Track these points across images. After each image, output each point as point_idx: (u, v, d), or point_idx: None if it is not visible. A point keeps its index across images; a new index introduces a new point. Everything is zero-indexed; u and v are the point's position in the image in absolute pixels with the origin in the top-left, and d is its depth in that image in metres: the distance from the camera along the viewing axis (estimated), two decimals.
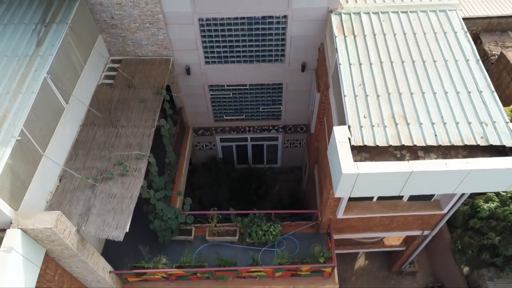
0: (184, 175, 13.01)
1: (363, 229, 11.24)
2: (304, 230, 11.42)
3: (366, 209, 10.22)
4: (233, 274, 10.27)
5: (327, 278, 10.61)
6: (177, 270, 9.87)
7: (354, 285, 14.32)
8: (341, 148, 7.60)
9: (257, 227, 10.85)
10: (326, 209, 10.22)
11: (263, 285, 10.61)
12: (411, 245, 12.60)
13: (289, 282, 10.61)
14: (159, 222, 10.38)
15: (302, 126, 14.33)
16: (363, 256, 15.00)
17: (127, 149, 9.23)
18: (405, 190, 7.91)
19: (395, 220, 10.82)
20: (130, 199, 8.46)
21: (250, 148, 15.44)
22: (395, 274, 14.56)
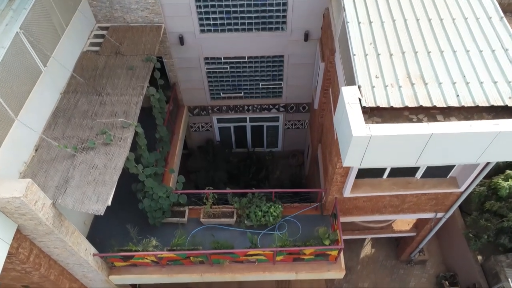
0: (178, 156, 12.11)
1: (372, 211, 10.34)
2: (307, 212, 10.52)
3: (375, 186, 9.32)
4: (230, 258, 9.37)
5: (332, 263, 9.71)
6: (168, 253, 8.98)
7: (360, 275, 13.42)
8: (350, 109, 6.69)
9: (256, 207, 9.95)
10: (332, 187, 9.31)
11: (263, 270, 9.72)
12: (422, 230, 11.69)
13: (290, 267, 9.72)
14: (149, 201, 9.49)
15: (305, 105, 13.43)
16: (370, 244, 14.10)
17: (112, 118, 8.33)
18: (423, 158, 7.00)
19: (407, 201, 9.92)
20: (114, 170, 7.56)
21: (249, 130, 14.54)
22: (403, 263, 13.66)
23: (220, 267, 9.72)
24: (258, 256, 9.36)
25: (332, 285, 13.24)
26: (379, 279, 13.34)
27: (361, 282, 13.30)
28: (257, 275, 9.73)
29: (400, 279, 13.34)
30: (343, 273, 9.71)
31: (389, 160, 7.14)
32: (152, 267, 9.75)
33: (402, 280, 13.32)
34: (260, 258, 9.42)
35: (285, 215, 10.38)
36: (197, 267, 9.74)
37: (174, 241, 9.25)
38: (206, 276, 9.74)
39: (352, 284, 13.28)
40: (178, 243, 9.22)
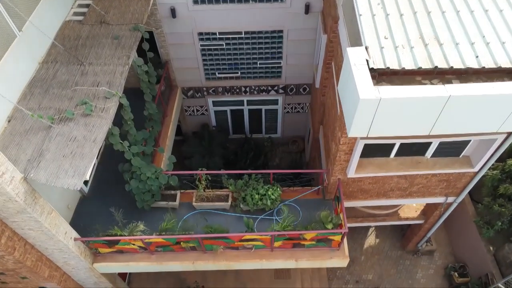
0: (170, 139, 11.37)
1: (378, 195, 9.60)
2: (308, 196, 9.77)
3: (382, 166, 8.58)
4: (224, 244, 8.63)
5: (335, 250, 8.97)
6: (156, 237, 8.23)
7: (364, 266, 12.67)
8: (357, 71, 5.95)
9: (252, 190, 9.21)
10: (335, 167, 8.57)
11: (260, 258, 8.97)
12: (431, 217, 10.94)
13: (290, 254, 8.97)
14: (136, 182, 8.75)
15: (305, 86, 12.68)
16: (374, 234, 13.36)
17: (94, 88, 7.59)
18: (438, 126, 6.26)
19: (416, 183, 9.17)
20: (94, 142, 6.81)
21: (246, 114, 13.80)
22: (410, 254, 12.92)
23: (213, 254, 8.98)
24: (254, 242, 8.62)
25: (334, 276, 12.50)
26: (384, 271, 12.60)
27: (365, 274, 12.56)
28: (253, 262, 8.99)
29: (406, 271, 12.59)
30: (346, 260, 8.96)
31: (400, 129, 6.37)
32: (140, 254, 9.01)
33: (409, 271, 12.58)
34: (257, 244, 8.68)
35: (284, 199, 9.64)
36: (188, 254, 9.00)
37: (163, 225, 8.50)
38: (198, 264, 9.00)
39: (356, 275, 12.53)
40: (167, 227, 8.47)
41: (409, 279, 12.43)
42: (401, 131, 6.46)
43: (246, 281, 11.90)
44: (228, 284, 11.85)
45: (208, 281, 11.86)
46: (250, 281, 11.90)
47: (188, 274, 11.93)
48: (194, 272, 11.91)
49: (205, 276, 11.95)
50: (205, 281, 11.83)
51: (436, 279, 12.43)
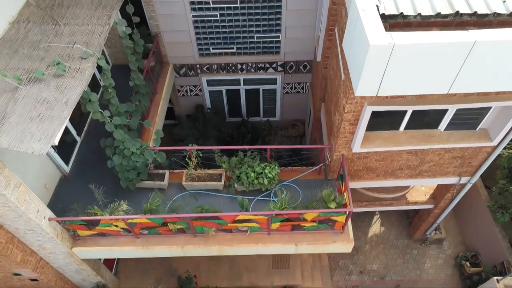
0: (161, 117, 10.53)
1: (385, 174, 8.78)
2: (309, 176, 8.96)
3: (391, 140, 7.76)
4: (216, 226, 7.81)
5: (338, 232, 8.15)
6: (140, 217, 7.41)
7: (369, 255, 11.85)
8: (365, 16, 5.13)
9: (248, 168, 8.38)
10: (339, 141, 7.75)
11: (256, 242, 8.15)
12: (442, 201, 10.12)
13: (289, 238, 8.15)
14: (119, 158, 7.93)
15: (305, 64, 11.85)
16: (379, 222, 12.54)
17: (69, 49, 6.77)
18: (459, 82, 5.46)
19: (427, 160, 8.35)
20: (65, 104, 5.99)
21: (243, 95, 12.96)
22: (417, 243, 12.10)
23: (204, 238, 8.16)
24: (249, 224, 7.80)
25: (337, 266, 11.68)
26: (390, 261, 11.78)
27: (369, 264, 11.73)
28: (249, 247, 8.16)
29: (413, 260, 11.78)
30: (351, 245, 8.14)
31: (415, 86, 5.57)
32: (124, 237, 8.20)
33: (416, 261, 11.77)
34: (252, 225, 7.86)
35: (282, 179, 8.83)
36: (177, 237, 8.19)
37: (147, 205, 7.68)
38: (188, 249, 8.17)
39: (360, 266, 11.72)
40: (152, 207, 7.65)
41: (416, 270, 11.61)
42: (416, 89, 5.65)
43: (242, 271, 11.08)
44: (222, 274, 11.03)
45: (201, 270, 11.04)
46: (246, 271, 11.08)
47: (180, 263, 11.11)
48: (186, 262, 11.11)
49: (198, 266, 11.13)
50: (198, 271, 11.01)
51: (445, 269, 11.60)
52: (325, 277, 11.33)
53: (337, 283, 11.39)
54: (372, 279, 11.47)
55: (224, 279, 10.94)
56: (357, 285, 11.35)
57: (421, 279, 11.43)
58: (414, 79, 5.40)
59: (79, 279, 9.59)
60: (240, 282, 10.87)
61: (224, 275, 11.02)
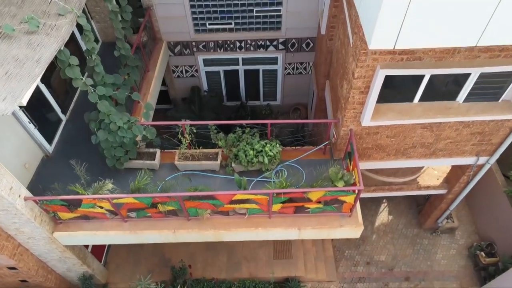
0: (153, 96, 9.81)
1: (396, 153, 8.03)
2: (313, 156, 8.22)
3: (404, 112, 7.01)
4: (211, 207, 7.06)
5: (346, 216, 7.41)
6: (125, 196, 6.66)
7: (376, 245, 11.11)
8: None
9: (246, 145, 7.64)
10: (347, 113, 7.00)
11: (255, 226, 7.41)
12: (456, 185, 9.37)
13: (291, 221, 7.41)
14: (104, 134, 7.19)
15: (308, 41, 11.10)
16: (386, 210, 11.79)
17: (45, 5, 6.02)
18: (491, 30, 4.70)
19: (443, 137, 7.60)
20: (37, 62, 5.26)
21: (242, 76, 12.21)
22: (428, 232, 11.35)
23: (198, 222, 7.43)
24: (248, 205, 7.05)
25: (342, 257, 10.93)
26: (399, 251, 11.03)
27: (377, 255, 10.98)
28: (247, 231, 7.42)
29: (424, 251, 11.03)
30: (360, 229, 7.39)
31: (439, 34, 4.82)
32: (110, 221, 7.46)
33: (427, 251, 11.01)
34: (251, 207, 7.11)
35: (284, 160, 8.10)
36: (168, 221, 7.45)
37: (135, 182, 6.94)
38: (180, 234, 7.43)
39: (366, 256, 10.97)
40: (140, 186, 6.91)
41: (427, 260, 10.86)
42: (440, 39, 4.89)
43: (241, 261, 10.34)
44: (219, 265, 10.29)
45: (196, 261, 10.30)
46: (245, 261, 10.34)
47: (174, 253, 10.38)
48: (180, 252, 10.38)
49: (193, 256, 10.40)
50: (193, 261, 10.27)
51: (458, 260, 10.85)
52: (329, 268, 10.58)
53: (342, 274, 10.64)
54: (380, 270, 10.72)
55: (221, 270, 10.20)
56: (364, 276, 10.60)
57: (432, 271, 10.68)
58: (439, 26, 4.66)
59: (64, 269, 8.85)
60: (239, 273, 10.13)
61: (222, 266, 10.28)
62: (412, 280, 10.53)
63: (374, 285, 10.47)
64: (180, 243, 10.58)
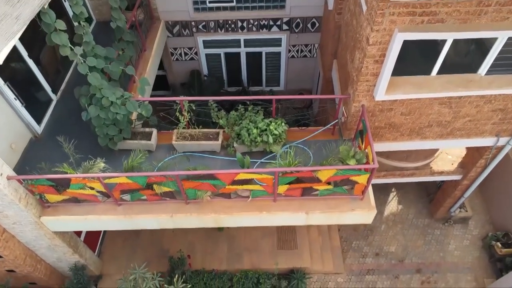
0: (150, 76, 9.23)
1: (410, 133, 7.47)
2: (321, 136, 7.66)
3: (422, 85, 6.46)
4: (211, 188, 6.50)
5: (357, 199, 6.85)
6: (118, 175, 6.10)
7: (385, 236, 10.56)
8: None
9: (249, 123, 7.08)
10: (359, 86, 6.45)
11: (259, 210, 6.85)
12: (472, 170, 8.81)
13: (298, 205, 6.85)
14: (96, 110, 6.63)
15: (314, 21, 10.54)
16: (395, 200, 11.24)
17: None
18: None
19: (462, 114, 7.05)
20: (16, 19, 4.69)
21: (244, 59, 11.66)
22: (439, 222, 10.80)
23: (197, 205, 6.87)
24: (251, 186, 6.49)
25: (350, 248, 10.37)
26: (409, 242, 10.47)
27: (386, 245, 10.43)
28: (250, 216, 6.86)
29: (436, 242, 10.47)
30: (373, 213, 6.83)
31: None
32: (102, 204, 6.90)
33: (439, 242, 10.46)
34: (254, 188, 6.55)
35: (290, 141, 7.54)
36: (165, 204, 6.89)
37: (128, 161, 6.39)
38: (178, 218, 6.88)
39: (375, 247, 10.41)
40: (134, 164, 6.36)
41: (440, 251, 10.30)
42: None
43: (242, 252, 9.78)
44: (220, 255, 9.74)
45: (195, 251, 9.75)
46: (247, 252, 9.78)
47: (172, 244, 9.83)
48: (179, 242, 9.85)
49: (193, 246, 9.84)
50: (193, 252, 9.72)
51: (472, 252, 10.29)
52: (336, 259, 10.03)
53: (350, 266, 10.09)
54: (390, 262, 10.16)
55: (222, 261, 9.64)
56: (373, 268, 10.04)
57: (445, 262, 10.13)
58: None
59: (54, 258, 8.29)
60: (240, 265, 9.57)
61: (222, 257, 9.72)
62: (424, 272, 9.98)
63: (384, 277, 9.91)
64: (179, 233, 10.10)
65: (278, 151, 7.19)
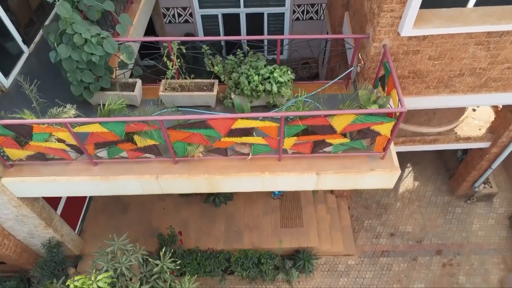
0: (137, 32, 8.15)
1: (438, 84, 6.39)
2: (333, 90, 6.59)
3: (456, 18, 5.38)
4: (204, 141, 5.41)
5: (377, 158, 5.78)
6: (89, 120, 5.01)
7: (401, 215, 9.50)
8: None
9: (250, 69, 6.00)
10: (381, 19, 5.36)
11: (261, 170, 5.77)
12: (504, 135, 7.74)
13: (307, 164, 5.78)
14: (67, 50, 5.53)
15: None
16: (411, 176, 10.18)
17: None
18: None
19: (501, 59, 5.98)
20: None
21: (244, 22, 10.58)
22: (461, 199, 9.74)
23: (188, 165, 5.80)
24: (252, 138, 5.40)
25: (361, 228, 9.30)
26: (428, 221, 9.41)
27: (402, 225, 9.36)
28: (251, 177, 5.78)
29: (457, 221, 9.41)
30: (396, 174, 5.75)
31: None
32: (75, 164, 5.83)
33: (461, 221, 9.40)
34: (256, 142, 5.47)
35: (297, 95, 6.44)
36: (149, 164, 5.82)
37: (105, 106, 5.31)
38: (165, 180, 5.81)
39: (390, 227, 9.35)
40: (112, 108, 5.28)
41: (462, 231, 9.24)
42: None
43: (242, 230, 8.72)
44: (216, 234, 8.68)
45: (189, 230, 8.70)
46: (247, 230, 8.72)
47: (162, 221, 8.78)
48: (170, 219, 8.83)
49: (186, 224, 8.79)
50: (186, 230, 8.66)
51: (499, 231, 9.23)
52: (347, 240, 8.96)
53: (362, 247, 9.03)
54: (407, 242, 9.10)
55: (218, 241, 8.57)
56: (388, 250, 8.97)
57: (468, 243, 9.07)
58: None
59: (25, 233, 7.22)
60: (240, 244, 8.50)
61: (219, 236, 8.65)
62: (445, 254, 8.91)
63: (400, 259, 8.84)
64: (170, 210, 9.04)
65: (284, 103, 6.13)
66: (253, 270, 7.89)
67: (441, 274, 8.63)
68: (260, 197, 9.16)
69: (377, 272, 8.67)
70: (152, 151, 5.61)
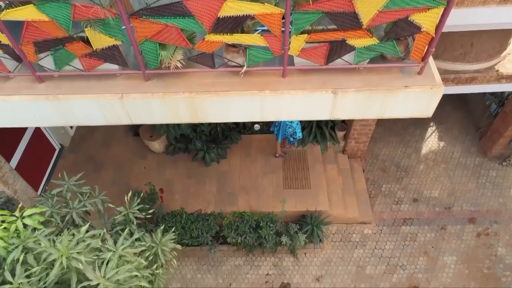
0: None
1: None
2: None
3: None
4: (182, 41, 3.99)
5: (412, 72, 4.37)
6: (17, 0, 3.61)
7: (425, 178, 8.10)
8: None
9: None
10: None
11: (259, 88, 4.35)
12: None
13: (321, 80, 4.36)
14: None
15: None
16: (435, 136, 8.79)
17: None
18: None
19: None
20: None
21: None
22: (495, 161, 8.34)
23: (162, 81, 4.39)
24: (248, 37, 3.98)
25: (379, 192, 7.89)
26: (457, 185, 8.01)
27: (427, 190, 7.97)
28: (246, 97, 4.37)
29: (493, 185, 8.02)
30: (440, 92, 4.33)
31: None
32: (15, 80, 4.43)
33: (497, 186, 8.00)
34: (253, 43, 4.05)
35: None
36: (113, 82, 4.41)
37: None
38: (132, 102, 4.40)
39: (413, 191, 7.96)
40: None
41: (498, 197, 7.84)
42: None
43: (237, 191, 7.33)
44: (207, 197, 7.29)
45: (174, 192, 7.31)
46: (243, 192, 7.32)
47: (142, 181, 7.38)
48: (152, 179, 7.37)
49: (171, 185, 7.38)
50: (170, 192, 7.26)
51: None
52: (362, 205, 7.56)
53: (380, 214, 7.63)
54: (433, 209, 7.71)
55: (209, 203, 7.19)
56: (411, 217, 7.57)
57: (506, 210, 7.68)
58: None
59: None
60: (234, 207, 7.10)
61: (209, 198, 7.26)
62: (479, 222, 7.51)
63: (426, 228, 7.45)
64: (152, 169, 7.65)
65: None
66: (250, 235, 6.47)
67: (476, 245, 7.23)
68: (259, 155, 7.76)
69: (399, 242, 7.27)
70: (115, 59, 4.20)
